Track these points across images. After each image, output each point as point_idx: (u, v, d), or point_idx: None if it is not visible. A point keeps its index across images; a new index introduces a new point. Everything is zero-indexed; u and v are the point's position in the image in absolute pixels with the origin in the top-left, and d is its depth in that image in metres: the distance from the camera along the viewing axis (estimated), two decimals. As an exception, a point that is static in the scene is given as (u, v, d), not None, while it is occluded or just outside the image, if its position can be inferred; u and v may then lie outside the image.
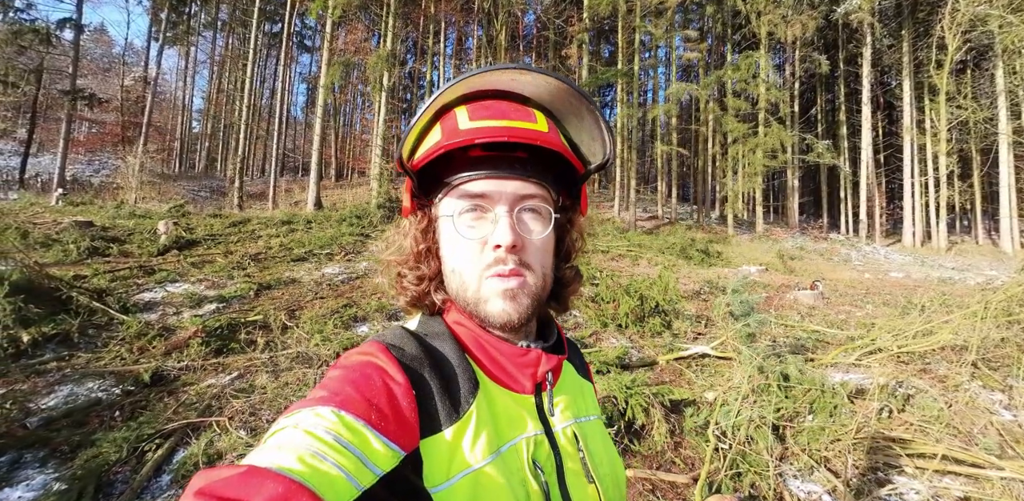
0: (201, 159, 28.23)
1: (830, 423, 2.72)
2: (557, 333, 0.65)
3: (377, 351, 0.51)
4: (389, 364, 0.49)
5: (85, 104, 17.86)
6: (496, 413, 0.53)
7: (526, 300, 0.54)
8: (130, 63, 29.13)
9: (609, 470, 0.61)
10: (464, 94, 0.55)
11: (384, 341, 0.53)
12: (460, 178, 0.56)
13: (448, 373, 0.53)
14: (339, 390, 0.45)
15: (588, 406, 0.66)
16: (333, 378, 0.48)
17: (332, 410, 0.42)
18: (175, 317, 4.57)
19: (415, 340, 0.55)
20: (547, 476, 0.53)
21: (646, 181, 31.03)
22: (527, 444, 0.53)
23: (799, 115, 22.65)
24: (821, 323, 5.68)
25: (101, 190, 16.10)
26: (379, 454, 0.42)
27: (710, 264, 10.10)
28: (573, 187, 0.64)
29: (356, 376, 0.47)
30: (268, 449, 0.39)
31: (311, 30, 29.52)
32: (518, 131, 0.52)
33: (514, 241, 0.52)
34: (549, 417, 0.58)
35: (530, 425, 0.55)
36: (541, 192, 0.57)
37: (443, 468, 0.47)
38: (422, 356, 0.52)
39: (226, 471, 0.35)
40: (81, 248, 6.39)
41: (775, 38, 18.49)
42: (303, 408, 0.43)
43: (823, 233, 20.19)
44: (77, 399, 3.03)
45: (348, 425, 0.42)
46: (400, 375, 0.49)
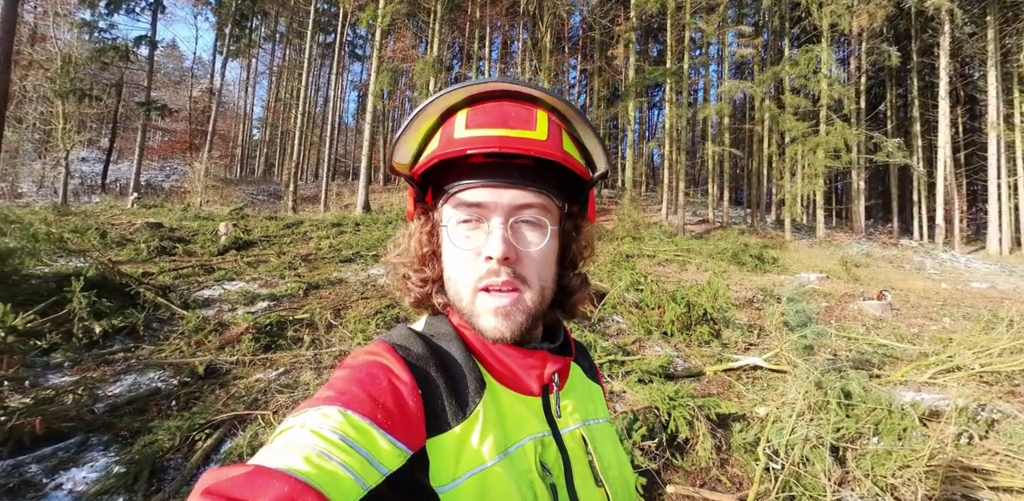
0: (260, 164, 29.92)
1: (898, 447, 2.47)
2: (564, 334, 0.65)
3: (383, 351, 0.51)
4: (395, 363, 0.50)
5: (158, 114, 19.40)
6: (503, 414, 0.53)
7: (520, 317, 0.53)
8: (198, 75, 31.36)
9: (618, 473, 0.61)
10: (470, 95, 0.55)
11: (390, 341, 0.54)
12: (457, 186, 0.55)
13: (455, 373, 0.53)
14: (345, 389, 0.45)
15: (597, 408, 0.66)
16: (340, 378, 0.48)
17: (338, 409, 0.43)
18: (230, 313, 4.81)
19: (421, 340, 0.55)
20: (555, 478, 0.53)
21: (696, 183, 30.01)
22: (535, 445, 0.53)
23: (866, 112, 21.15)
24: (890, 336, 5.24)
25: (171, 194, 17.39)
26: (385, 453, 0.42)
27: (765, 271, 9.58)
28: (580, 193, 0.62)
29: (362, 375, 0.47)
30: (275, 449, 0.39)
31: (362, 39, 30.65)
32: (512, 141, 0.51)
33: (506, 253, 0.51)
34: (556, 419, 0.58)
35: (538, 427, 0.55)
36: (541, 201, 0.55)
37: (450, 468, 0.46)
38: (428, 356, 0.52)
39: (233, 470, 0.35)
40: (151, 247, 6.88)
41: (838, 30, 17.38)
42: (309, 408, 0.44)
43: (893, 239, 18.73)
44: (139, 388, 3.23)
45: (354, 424, 0.42)
46: (406, 374, 0.49)
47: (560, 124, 0.56)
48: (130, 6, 18.37)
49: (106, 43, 17.30)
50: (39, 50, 17.28)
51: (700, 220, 19.33)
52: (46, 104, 16.01)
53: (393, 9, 15.14)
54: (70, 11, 17.41)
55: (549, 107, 0.56)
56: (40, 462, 2.37)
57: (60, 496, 2.18)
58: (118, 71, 19.09)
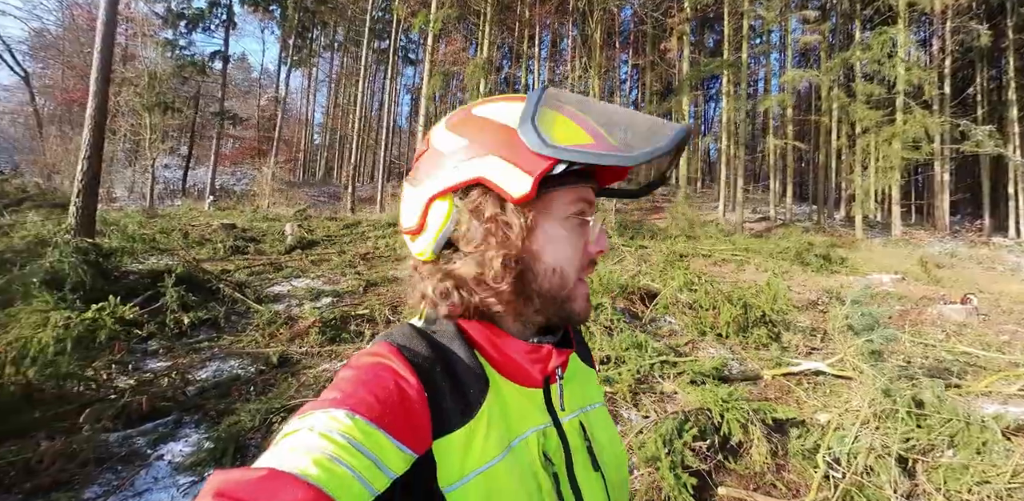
0: (320, 168, 31.56)
1: (976, 461, 2.31)
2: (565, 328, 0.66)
3: (388, 352, 0.51)
4: (401, 365, 0.49)
5: (230, 123, 20.97)
6: (507, 408, 0.54)
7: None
8: (265, 85, 33.49)
9: (612, 457, 0.63)
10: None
11: (394, 342, 0.53)
12: (578, 181, 0.56)
13: (459, 372, 0.53)
14: (352, 392, 0.45)
15: (592, 393, 0.68)
16: (345, 379, 0.48)
17: (346, 413, 0.42)
18: (297, 308, 5.17)
19: (424, 339, 0.55)
20: (557, 467, 0.54)
21: (756, 179, 28.61)
22: (538, 437, 0.54)
23: (951, 97, 19.29)
24: (974, 344, 4.83)
25: (242, 197, 18.72)
26: (392, 457, 0.42)
27: (832, 271, 9.02)
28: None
29: (368, 378, 0.47)
30: (283, 452, 0.39)
31: (414, 44, 31.51)
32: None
33: (607, 248, 0.58)
34: (557, 409, 0.59)
35: (539, 418, 0.56)
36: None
37: (456, 468, 0.47)
38: (433, 356, 0.52)
39: (245, 473, 0.35)
40: (226, 247, 7.49)
41: (918, 9, 15.96)
42: (316, 410, 0.43)
43: (983, 237, 17.03)
44: (222, 374, 3.57)
45: (362, 428, 0.42)
46: (412, 376, 0.49)
47: None
48: (206, 24, 19.91)
49: (185, 59, 18.87)
50: (129, 68, 19.12)
51: (760, 218, 18.44)
52: (135, 117, 17.71)
53: (444, 14, 15.50)
54: (155, 31, 19.12)
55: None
56: (144, 436, 2.70)
57: (161, 466, 2.48)
58: (196, 84, 20.82)
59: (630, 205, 18.81)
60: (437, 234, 0.55)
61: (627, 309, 5.26)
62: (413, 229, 0.57)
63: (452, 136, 0.56)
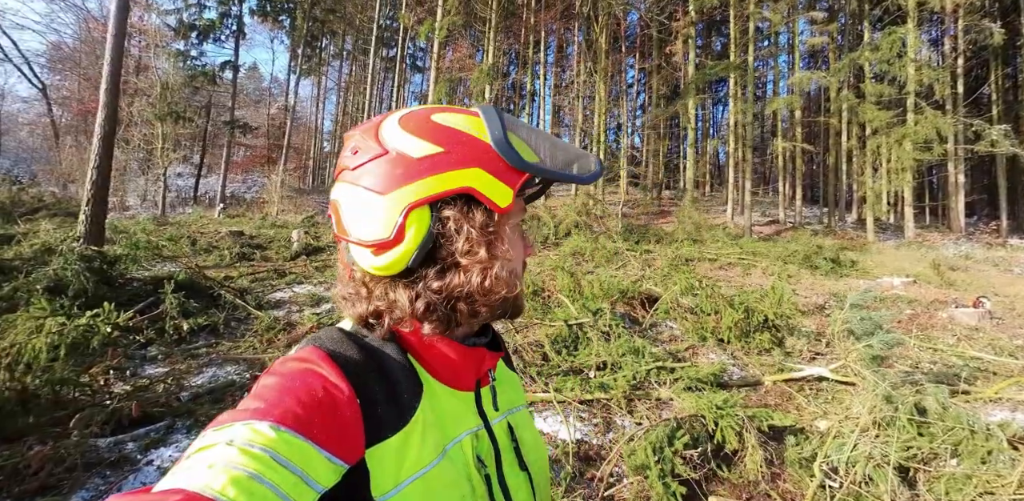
0: (329, 175, 31.86)
1: (981, 471, 2.22)
2: (492, 329, 0.66)
3: (317, 358, 0.48)
4: (331, 372, 0.46)
5: (241, 132, 21.34)
6: (441, 413, 0.54)
7: None
8: (274, 94, 34.09)
9: (536, 457, 0.64)
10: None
11: (323, 347, 0.50)
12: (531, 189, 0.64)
13: (392, 377, 0.51)
14: (277, 402, 0.41)
15: (517, 397, 0.69)
16: (269, 387, 0.44)
17: (270, 425, 0.39)
18: (297, 314, 5.20)
19: (355, 344, 0.51)
20: (488, 469, 0.55)
21: (766, 182, 28.32)
22: (471, 440, 0.55)
23: (964, 97, 18.96)
24: (985, 348, 4.69)
25: (251, 204, 18.98)
26: (320, 470, 0.40)
27: (841, 274, 8.87)
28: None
29: (295, 385, 0.44)
30: (198, 468, 0.35)
31: (422, 51, 31.93)
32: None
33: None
34: (490, 410, 0.60)
35: (471, 420, 0.57)
36: None
37: (391, 475, 0.45)
38: (365, 361, 0.50)
39: (146, 498, 0.32)
40: (232, 254, 7.58)
41: (928, 8, 15.75)
42: (236, 421, 0.39)
43: (1000, 238, 16.63)
44: (218, 380, 3.59)
45: (287, 441, 0.39)
46: (343, 383, 0.46)
47: None
48: (216, 35, 20.36)
49: (197, 69, 19.30)
50: (142, 79, 19.58)
51: (769, 221, 18.24)
52: (148, 126, 18.10)
53: (450, 21, 15.67)
54: (167, 42, 19.57)
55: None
56: (135, 441, 2.71)
57: (151, 471, 2.48)
58: (207, 94, 21.25)
59: (636, 210, 18.72)
60: (415, 245, 0.50)
61: (627, 314, 5.20)
62: (383, 241, 0.50)
63: (417, 140, 0.51)
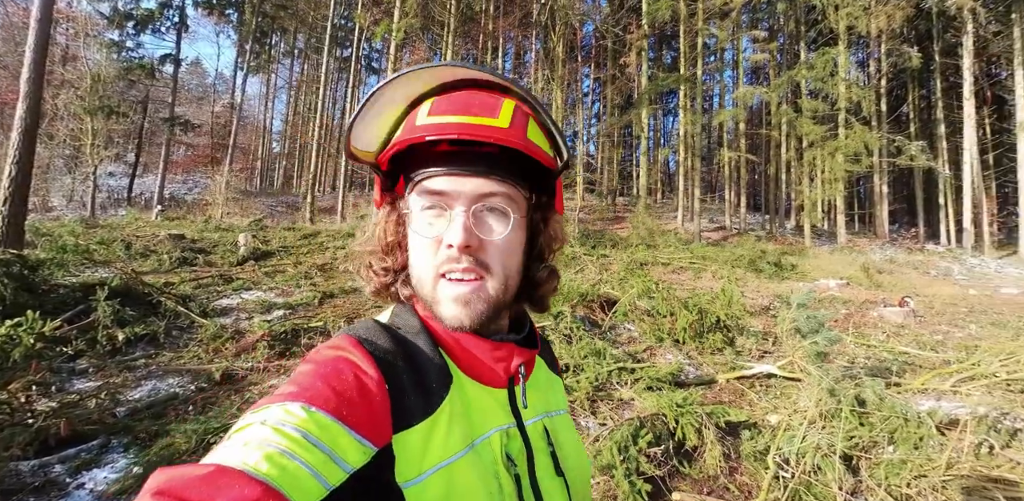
0: (279, 177, 30.67)
1: (914, 456, 2.40)
2: (530, 327, 0.64)
3: (349, 345, 0.50)
4: (361, 358, 0.48)
5: (182, 130, 20.09)
6: (469, 406, 0.53)
7: (481, 306, 0.52)
8: (220, 91, 32.40)
9: (576, 464, 0.62)
10: (441, 84, 0.55)
11: (356, 335, 0.52)
12: (422, 174, 0.54)
13: (421, 367, 0.52)
14: (309, 385, 0.44)
15: (558, 400, 0.68)
16: (304, 372, 0.46)
17: (302, 406, 0.41)
18: (247, 322, 4.93)
19: (387, 333, 0.53)
20: (519, 469, 0.53)
21: (712, 190, 29.70)
22: (501, 437, 0.53)
23: (887, 114, 20.71)
24: (911, 344, 5.10)
25: (193, 206, 17.90)
26: (350, 451, 0.41)
27: (783, 277, 9.42)
28: (548, 183, 0.61)
29: (327, 371, 0.46)
30: (234, 446, 0.37)
31: (378, 52, 31.36)
32: (471, 128, 0.50)
33: (466, 241, 0.50)
34: (522, 410, 0.58)
35: (503, 418, 0.55)
36: (505, 190, 0.54)
37: (416, 462, 0.46)
38: (395, 350, 0.51)
39: (190, 470, 0.33)
40: (173, 258, 7.10)
41: (856, 32, 17.15)
42: (272, 403, 0.42)
43: (918, 244, 18.22)
44: (158, 393, 3.34)
45: (318, 421, 0.40)
46: (372, 369, 0.48)
47: (528, 113, 0.56)
48: (156, 26, 19.14)
49: (133, 62, 18.04)
50: (70, 70, 18.10)
51: (717, 227, 19.11)
52: (76, 121, 16.73)
53: (407, 23, 15.48)
54: (99, 32, 18.21)
55: (519, 97, 0.56)
56: (64, 463, 2.47)
57: (82, 495, 2.26)
58: (144, 88, 19.90)
59: (592, 215, 19.13)
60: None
61: (587, 317, 5.28)
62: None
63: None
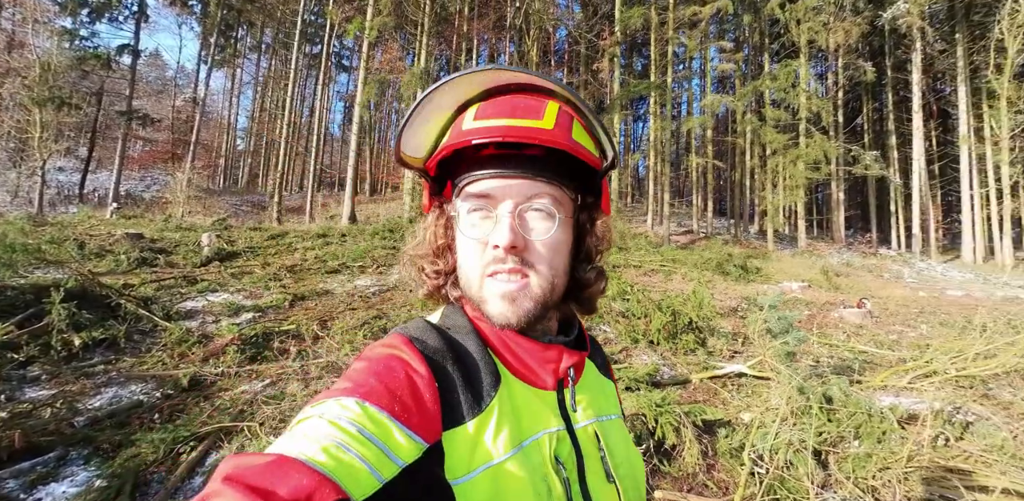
0: (244, 175, 29.68)
1: (878, 450, 2.53)
2: (579, 329, 0.64)
3: (400, 343, 0.52)
4: (412, 356, 0.50)
5: (139, 124, 19.17)
6: (518, 407, 0.53)
7: (528, 303, 0.53)
8: (181, 85, 31.15)
9: (629, 471, 0.61)
10: (486, 89, 0.55)
11: (407, 334, 0.54)
12: (469, 177, 0.56)
13: (470, 366, 0.53)
14: (363, 382, 0.46)
15: (610, 405, 0.66)
16: (357, 369, 0.48)
17: (356, 401, 0.43)
18: (214, 325, 4.75)
19: (437, 333, 0.55)
20: (568, 473, 0.53)
21: (681, 195, 30.48)
22: (549, 439, 0.53)
23: (843, 125, 21.80)
24: (869, 343, 5.36)
25: (152, 204, 17.12)
26: (402, 446, 0.42)
27: (748, 280, 9.74)
28: (594, 184, 0.62)
29: (380, 368, 0.48)
30: (294, 438, 0.40)
31: (348, 50, 30.84)
32: (516, 130, 0.51)
33: (513, 242, 0.51)
34: (571, 413, 0.58)
35: (552, 421, 0.55)
36: (551, 191, 0.55)
37: (464, 461, 0.47)
38: (445, 349, 0.53)
39: (255, 459, 0.36)
40: (131, 258, 6.77)
41: (816, 46, 18.00)
42: (328, 398, 0.44)
43: (872, 248, 19.19)
44: (121, 401, 3.17)
45: (371, 416, 0.42)
46: (423, 367, 0.49)
47: (572, 114, 0.56)
48: (113, 14, 18.25)
49: (87, 51, 17.11)
50: (17, 57, 17.02)
51: (685, 231, 19.61)
52: (23, 112, 15.73)
53: (380, 22, 15.28)
54: (50, 19, 17.21)
55: (563, 99, 0.56)
56: (18, 477, 2.31)
57: (38, 512, 2.13)
58: (99, 80, 18.92)
59: (566, 217, 19.28)
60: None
61: (564, 318, 5.32)
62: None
63: None
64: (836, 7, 17.51)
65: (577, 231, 0.60)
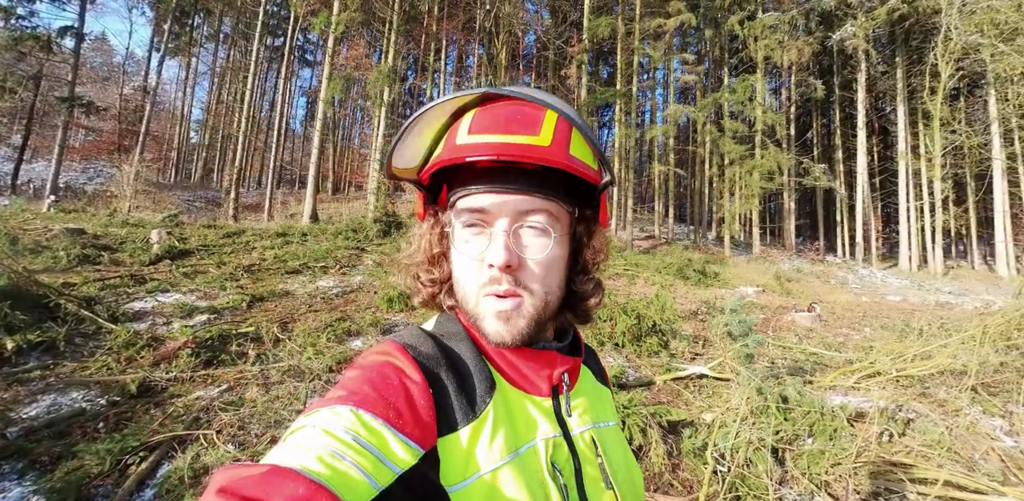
0: (197, 169, 28.27)
1: (830, 447, 2.67)
2: (574, 335, 0.64)
3: (394, 350, 0.52)
4: (406, 363, 0.50)
5: (83, 111, 17.91)
6: (513, 414, 0.53)
7: (521, 322, 0.52)
8: (130, 72, 29.41)
9: (627, 477, 0.60)
10: (481, 95, 0.54)
11: (401, 341, 0.54)
12: (463, 191, 0.54)
13: (464, 373, 0.53)
14: (357, 389, 0.45)
15: (606, 411, 0.66)
16: (351, 378, 0.48)
17: (350, 409, 0.43)
18: (165, 327, 4.49)
19: (432, 340, 0.55)
20: (566, 479, 0.53)
21: (643, 201, 31.27)
22: (546, 446, 0.53)
23: (795, 138, 23.01)
24: (819, 345, 5.65)
25: (95, 198, 16.04)
26: (397, 453, 0.42)
27: (707, 285, 10.09)
28: (591, 198, 0.61)
29: (374, 375, 0.48)
30: (288, 448, 0.39)
31: (313, 45, 30.06)
32: (511, 148, 0.50)
33: (508, 261, 0.51)
34: (567, 420, 0.57)
35: (548, 427, 0.55)
36: (546, 206, 0.54)
37: (460, 467, 0.47)
38: (439, 355, 0.53)
39: (248, 469, 0.35)
40: (71, 255, 6.31)
41: (771, 62, 18.93)
42: (322, 407, 0.44)
43: (819, 255, 20.30)
44: (60, 409, 2.94)
45: (366, 424, 0.42)
46: (417, 374, 0.49)
47: (570, 127, 0.54)
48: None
49: (24, 31, 15.88)
50: (-58, 36, 15.63)
51: (647, 236, 20.13)
52: (-51, 95, 14.46)
53: (348, 17, 14.96)
54: (-18, -5, 15.91)
55: (561, 111, 0.54)
56: (-61, 495, 2.11)
57: (-36, 532, 1.95)
58: (37, 62, 17.57)
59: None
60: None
61: (532, 321, 5.34)
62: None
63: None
64: (790, 27, 18.51)
65: (574, 244, 0.60)
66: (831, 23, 19.63)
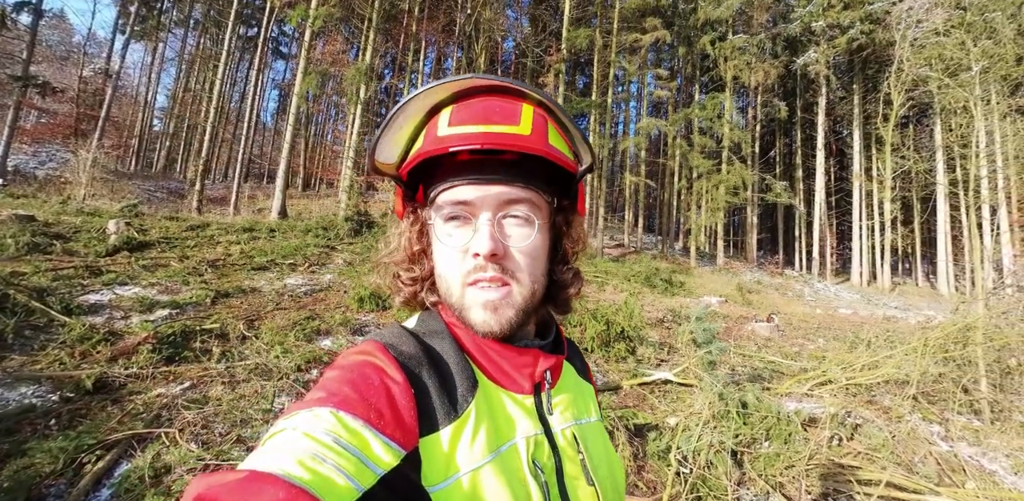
0: (160, 159, 27.06)
1: (785, 450, 2.82)
2: (556, 332, 0.65)
3: (375, 350, 0.51)
4: (387, 363, 0.49)
5: (37, 92, 16.92)
6: (495, 412, 0.53)
7: (510, 312, 0.53)
8: (91, 54, 27.93)
9: (608, 473, 0.61)
10: (455, 92, 0.55)
11: (382, 340, 0.53)
12: (444, 184, 0.55)
13: (446, 372, 0.52)
14: (337, 390, 0.45)
15: (588, 408, 0.66)
16: (331, 378, 0.47)
17: (330, 411, 0.42)
18: (123, 322, 4.31)
19: (413, 339, 0.54)
20: (547, 476, 0.53)
21: (614, 210, 31.87)
22: (527, 444, 0.53)
23: (759, 156, 24.03)
24: (777, 354, 5.92)
25: (46, 184, 15.14)
26: (379, 454, 0.42)
27: (673, 293, 10.38)
28: (569, 187, 0.62)
29: (354, 376, 0.47)
30: (267, 452, 0.39)
31: (288, 37, 29.36)
32: (494, 137, 0.51)
33: (493, 250, 0.51)
34: (548, 417, 0.57)
35: (530, 425, 0.55)
36: (528, 196, 0.55)
37: (442, 467, 0.46)
38: (420, 355, 0.52)
39: (226, 476, 0.34)
40: (20, 243, 5.96)
41: (740, 82, 19.75)
42: (301, 410, 0.43)
43: (779, 268, 21.19)
44: (8, 404, 2.79)
45: (346, 426, 0.41)
46: (398, 374, 0.48)
47: (546, 117, 0.56)
48: (13, -33, 16.07)
49: (-24, 5, 14.92)
50: None
51: (617, 244, 20.53)
52: None
53: (326, 12, 14.72)
54: (-70, -37, 14.85)
55: (535, 101, 0.56)
56: None
57: (-99, 534, 1.83)
58: (-11, 39, 16.53)
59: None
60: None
61: (504, 325, 5.38)
62: None
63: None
64: (758, 49, 19.37)
65: (554, 233, 0.60)
66: (796, 48, 20.67)
